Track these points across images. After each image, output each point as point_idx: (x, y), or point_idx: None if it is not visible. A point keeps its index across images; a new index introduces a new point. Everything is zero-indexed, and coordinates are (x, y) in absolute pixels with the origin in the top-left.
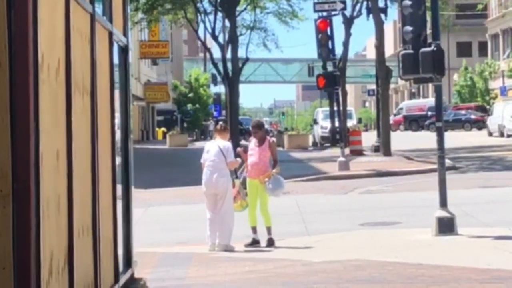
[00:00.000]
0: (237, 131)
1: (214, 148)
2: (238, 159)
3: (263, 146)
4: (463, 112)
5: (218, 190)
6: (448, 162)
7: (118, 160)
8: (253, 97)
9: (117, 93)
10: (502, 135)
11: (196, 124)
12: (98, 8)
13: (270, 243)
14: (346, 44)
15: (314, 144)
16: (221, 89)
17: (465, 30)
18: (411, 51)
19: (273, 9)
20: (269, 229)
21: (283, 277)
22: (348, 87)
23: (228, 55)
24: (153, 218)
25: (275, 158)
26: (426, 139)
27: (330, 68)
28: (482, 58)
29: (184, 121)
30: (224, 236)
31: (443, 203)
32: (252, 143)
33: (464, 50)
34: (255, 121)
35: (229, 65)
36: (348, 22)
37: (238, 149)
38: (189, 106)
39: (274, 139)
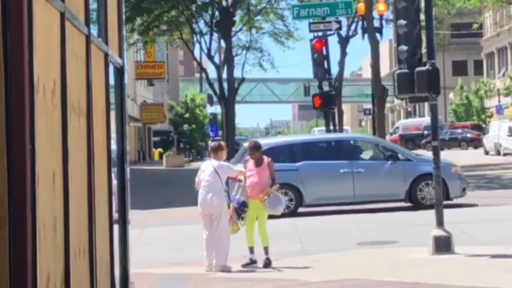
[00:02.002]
0: (234, 152)
1: (208, 168)
2: (242, 170)
3: (262, 166)
4: (459, 130)
5: (213, 210)
6: None
7: (114, 181)
8: (249, 117)
9: (113, 114)
10: (498, 153)
11: (192, 145)
12: (94, 30)
13: (267, 263)
14: (341, 64)
15: None
16: (217, 109)
17: (461, 49)
18: (406, 70)
19: (269, 29)
20: (266, 249)
21: None
22: (344, 106)
23: (224, 75)
24: (150, 239)
25: (273, 177)
26: None
27: (326, 87)
28: (477, 76)
29: (181, 142)
30: (220, 257)
31: (440, 222)
32: (250, 164)
33: (459, 69)
34: (252, 142)
35: (225, 85)
36: (344, 42)
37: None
38: (186, 126)
39: (271, 158)
